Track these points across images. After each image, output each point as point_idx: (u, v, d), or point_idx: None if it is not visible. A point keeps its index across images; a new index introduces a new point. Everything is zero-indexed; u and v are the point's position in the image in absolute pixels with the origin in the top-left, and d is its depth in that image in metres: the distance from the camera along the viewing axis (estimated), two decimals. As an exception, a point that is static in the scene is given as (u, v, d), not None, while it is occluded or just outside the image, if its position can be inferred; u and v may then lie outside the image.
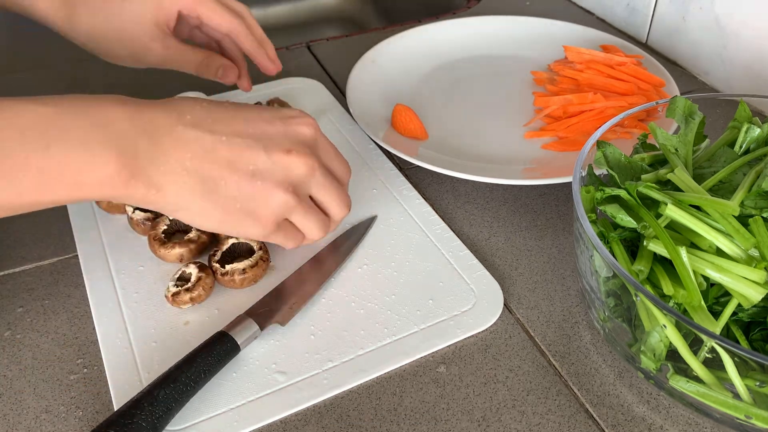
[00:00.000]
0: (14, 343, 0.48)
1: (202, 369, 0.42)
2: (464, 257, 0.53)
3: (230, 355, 0.44)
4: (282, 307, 0.48)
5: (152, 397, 0.40)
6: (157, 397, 0.40)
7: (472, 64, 0.79)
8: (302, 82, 0.75)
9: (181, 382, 0.41)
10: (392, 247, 0.54)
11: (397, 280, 0.51)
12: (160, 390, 0.40)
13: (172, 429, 0.41)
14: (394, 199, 0.59)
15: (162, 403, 0.40)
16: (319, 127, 0.48)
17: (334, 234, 0.55)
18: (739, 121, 0.49)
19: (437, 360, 0.46)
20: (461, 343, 0.47)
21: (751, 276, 0.39)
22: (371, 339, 0.47)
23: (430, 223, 0.56)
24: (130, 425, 0.39)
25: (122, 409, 0.40)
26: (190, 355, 0.43)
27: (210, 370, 0.43)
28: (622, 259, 0.42)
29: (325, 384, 0.44)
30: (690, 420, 0.43)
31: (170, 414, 0.40)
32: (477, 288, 0.51)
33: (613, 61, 0.71)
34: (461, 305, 0.49)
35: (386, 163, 0.63)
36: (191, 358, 0.43)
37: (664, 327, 0.39)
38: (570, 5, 0.97)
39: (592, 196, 0.44)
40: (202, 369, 0.42)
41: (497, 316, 0.49)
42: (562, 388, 0.45)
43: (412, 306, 0.49)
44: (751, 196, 0.41)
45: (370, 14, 1.21)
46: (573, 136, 0.66)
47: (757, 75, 0.72)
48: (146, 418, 0.39)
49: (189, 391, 0.42)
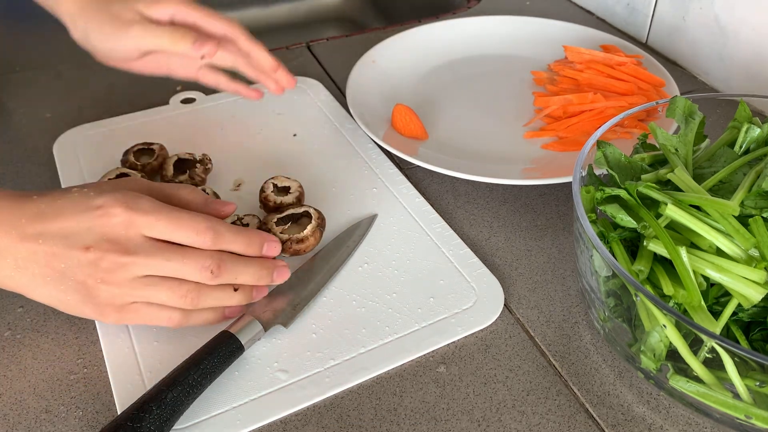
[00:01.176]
0: (14, 343, 0.48)
1: (208, 370, 0.42)
2: (464, 255, 0.53)
3: (235, 356, 0.44)
4: (285, 307, 0.48)
5: (160, 399, 0.40)
6: (165, 400, 0.40)
7: (472, 64, 0.79)
8: (303, 82, 0.75)
9: (187, 384, 0.41)
10: (393, 245, 0.54)
11: (398, 278, 0.51)
12: (168, 392, 0.40)
13: (174, 428, 0.41)
14: (394, 198, 0.59)
15: (170, 406, 0.40)
16: (137, 209, 0.43)
17: (335, 233, 0.55)
18: (739, 121, 0.49)
19: (437, 360, 0.46)
20: (462, 341, 0.47)
21: (751, 276, 0.39)
22: (372, 337, 0.47)
23: (430, 222, 0.56)
24: (139, 428, 0.39)
25: (129, 411, 0.39)
26: (195, 356, 0.43)
27: (215, 371, 0.43)
28: (622, 259, 0.42)
29: (327, 382, 0.44)
30: (690, 420, 0.43)
31: (177, 415, 0.40)
32: (477, 286, 0.51)
33: (613, 61, 0.71)
34: (462, 303, 0.49)
35: (386, 162, 0.63)
36: (197, 360, 0.42)
37: (664, 327, 0.39)
38: (570, 5, 0.97)
39: (592, 196, 0.44)
40: (207, 370, 0.42)
41: (498, 313, 0.49)
42: (562, 388, 0.45)
43: (413, 304, 0.49)
44: (751, 196, 0.41)
45: (370, 14, 1.21)
46: (573, 136, 0.66)
47: (757, 74, 0.72)
48: (154, 421, 0.39)
49: (195, 393, 0.42)
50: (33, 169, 0.64)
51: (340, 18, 1.22)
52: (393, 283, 0.51)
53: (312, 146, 0.66)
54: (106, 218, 0.43)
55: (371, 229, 0.56)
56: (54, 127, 0.69)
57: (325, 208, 0.57)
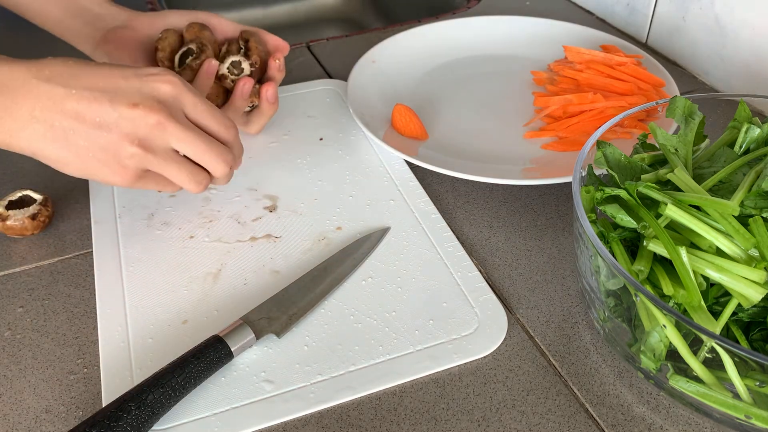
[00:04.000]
0: (14, 343, 0.48)
1: (193, 374, 0.42)
2: (473, 279, 0.51)
3: (222, 362, 0.44)
4: (281, 316, 0.47)
5: (140, 400, 0.40)
6: (145, 401, 0.40)
7: (472, 64, 0.79)
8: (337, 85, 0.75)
9: (171, 387, 0.41)
10: (401, 261, 0.53)
11: (400, 296, 0.50)
12: (149, 393, 0.40)
13: (153, 429, 0.41)
14: (410, 212, 0.57)
15: (149, 407, 0.40)
16: (186, 86, 0.48)
17: (345, 242, 0.54)
18: (739, 121, 0.49)
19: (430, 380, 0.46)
20: (455, 369, 0.45)
21: (751, 276, 0.39)
22: (364, 356, 0.46)
23: (443, 240, 0.55)
24: (115, 428, 0.38)
25: (109, 408, 0.39)
26: (182, 358, 0.43)
27: (201, 375, 0.42)
28: (622, 259, 0.42)
29: (311, 398, 0.43)
30: (690, 420, 0.43)
31: (156, 417, 0.40)
32: (481, 312, 0.49)
33: (613, 61, 0.71)
34: (462, 329, 0.48)
35: (407, 174, 0.62)
36: (183, 362, 0.42)
37: (664, 327, 0.39)
38: (570, 5, 0.97)
39: (592, 196, 0.44)
40: (193, 374, 0.42)
41: (498, 344, 0.47)
42: (562, 388, 0.45)
43: (412, 325, 0.48)
44: (751, 196, 0.41)
45: (370, 14, 1.21)
46: (573, 136, 0.66)
47: (757, 74, 0.72)
48: (132, 421, 0.39)
49: (177, 396, 0.41)
50: (33, 169, 0.64)
51: (340, 18, 1.22)
52: (394, 301, 0.50)
53: (336, 151, 0.65)
54: (158, 83, 0.47)
55: (381, 242, 0.55)
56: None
57: (340, 217, 0.57)
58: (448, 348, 0.46)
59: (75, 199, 0.60)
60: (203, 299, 0.50)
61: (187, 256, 0.53)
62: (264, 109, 0.63)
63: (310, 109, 0.71)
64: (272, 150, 0.65)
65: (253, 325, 0.46)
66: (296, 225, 0.56)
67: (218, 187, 0.60)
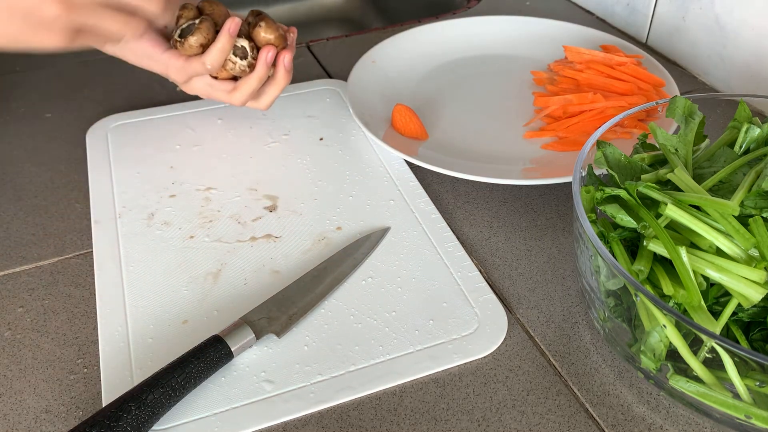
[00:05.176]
0: (14, 343, 0.48)
1: (193, 374, 0.42)
2: (473, 279, 0.51)
3: (222, 362, 0.44)
4: (281, 316, 0.47)
5: (140, 400, 0.40)
6: (145, 401, 0.40)
7: (472, 64, 0.79)
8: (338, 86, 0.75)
9: (171, 387, 0.41)
10: (401, 261, 0.53)
11: (400, 296, 0.50)
12: (149, 393, 0.40)
13: (153, 429, 0.41)
14: (410, 212, 0.58)
15: (149, 407, 0.40)
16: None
17: (345, 242, 0.54)
18: (739, 121, 0.49)
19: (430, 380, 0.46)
20: (455, 369, 0.46)
21: (751, 276, 0.39)
22: (364, 356, 0.46)
23: (443, 240, 0.55)
24: (116, 427, 0.38)
25: (108, 409, 0.39)
26: (182, 358, 0.43)
27: (201, 375, 0.42)
28: (622, 259, 0.42)
29: (311, 398, 0.43)
30: (690, 420, 0.43)
31: (156, 417, 0.40)
32: (481, 312, 0.49)
33: (612, 61, 0.71)
34: (462, 329, 0.47)
35: (407, 174, 0.62)
36: (183, 362, 0.42)
37: (664, 327, 0.39)
38: (570, 5, 0.97)
39: (592, 196, 0.44)
40: (193, 374, 0.42)
41: (498, 344, 0.47)
42: (562, 388, 0.45)
43: (411, 325, 0.48)
44: (751, 196, 0.41)
45: (370, 14, 1.21)
46: (573, 136, 0.66)
47: (757, 74, 0.72)
48: (132, 421, 0.39)
49: (177, 396, 0.41)
50: (33, 169, 0.64)
51: (340, 18, 1.22)
52: (394, 301, 0.50)
53: (336, 151, 0.65)
54: None
55: (381, 242, 0.55)
56: (54, 127, 0.69)
57: (340, 217, 0.57)
58: (448, 348, 0.46)
59: (75, 199, 0.60)
60: (203, 299, 0.50)
61: (187, 256, 0.53)
62: (279, 78, 0.63)
63: (310, 109, 0.71)
64: (272, 150, 0.65)
65: (253, 325, 0.46)
66: (296, 225, 0.56)
67: (218, 186, 0.60)
